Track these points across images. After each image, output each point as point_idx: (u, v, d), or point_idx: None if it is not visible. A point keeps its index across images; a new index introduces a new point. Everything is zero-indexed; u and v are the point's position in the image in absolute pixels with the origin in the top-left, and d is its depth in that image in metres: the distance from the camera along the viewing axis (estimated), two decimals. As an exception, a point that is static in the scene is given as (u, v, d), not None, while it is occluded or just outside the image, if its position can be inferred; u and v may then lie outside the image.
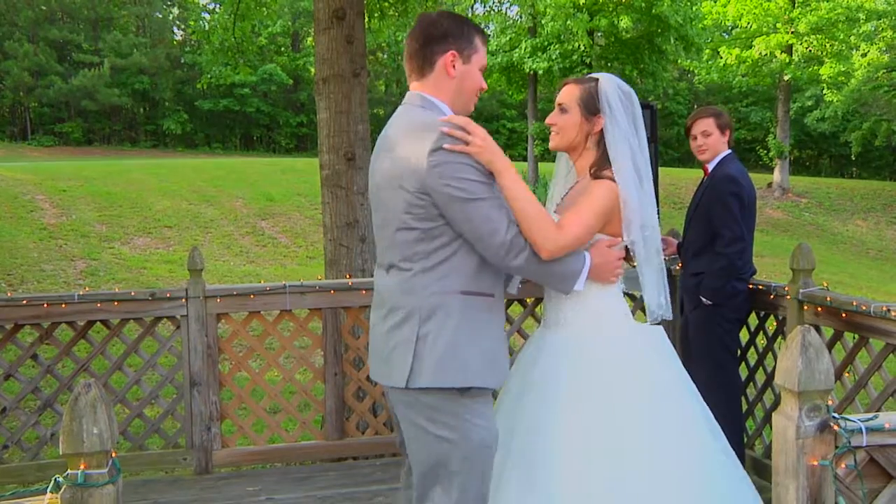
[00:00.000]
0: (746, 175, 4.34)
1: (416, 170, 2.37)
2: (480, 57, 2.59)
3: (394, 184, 2.44)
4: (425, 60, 2.54)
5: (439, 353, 2.39)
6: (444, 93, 2.55)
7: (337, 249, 5.67)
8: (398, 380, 2.42)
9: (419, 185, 2.37)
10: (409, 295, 2.44)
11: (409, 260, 2.45)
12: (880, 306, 3.52)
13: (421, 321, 2.40)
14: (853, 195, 28.65)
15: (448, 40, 2.52)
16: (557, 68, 23.38)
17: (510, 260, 2.43)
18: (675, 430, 2.74)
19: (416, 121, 2.47)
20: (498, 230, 2.38)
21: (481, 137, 2.37)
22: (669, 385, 2.84)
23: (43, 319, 4.37)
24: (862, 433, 1.86)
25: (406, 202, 2.41)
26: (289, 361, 7.30)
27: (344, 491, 4.27)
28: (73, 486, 1.80)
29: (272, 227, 16.07)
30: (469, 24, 2.59)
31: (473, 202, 2.36)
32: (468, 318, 2.43)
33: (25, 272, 11.42)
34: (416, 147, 2.37)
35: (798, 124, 38.58)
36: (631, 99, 2.88)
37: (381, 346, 2.53)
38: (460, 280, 2.43)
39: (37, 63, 41.96)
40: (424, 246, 2.42)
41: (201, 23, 29.95)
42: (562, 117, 2.89)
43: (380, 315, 2.55)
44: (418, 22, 2.59)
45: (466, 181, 2.35)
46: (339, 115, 5.65)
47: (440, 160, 2.34)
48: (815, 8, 26.31)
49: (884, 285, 16.28)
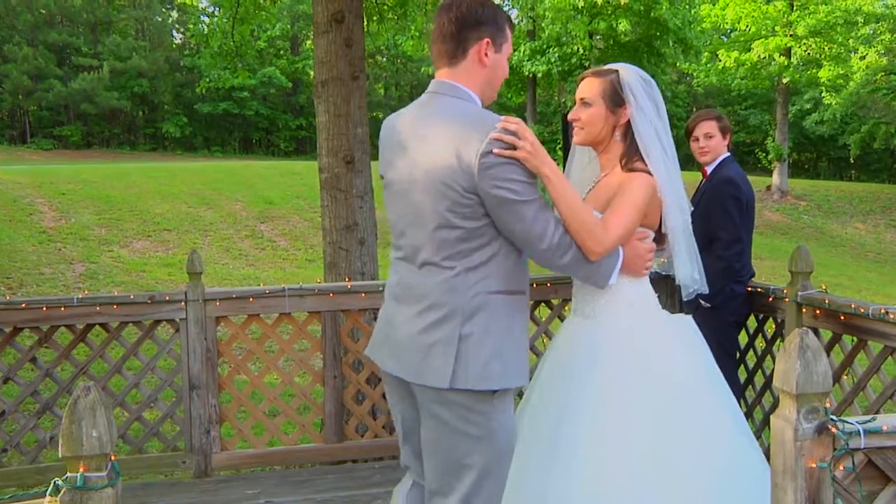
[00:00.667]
0: (745, 178, 4.35)
1: (465, 170, 2.31)
2: (509, 46, 2.55)
3: (435, 181, 2.37)
4: (458, 46, 2.46)
5: (485, 355, 2.37)
6: (474, 82, 2.49)
7: (336, 252, 5.67)
8: (437, 380, 2.37)
9: (468, 185, 2.32)
10: (451, 293, 2.39)
11: (451, 258, 2.40)
12: (878, 309, 3.52)
13: (464, 320, 2.37)
14: (852, 198, 28.68)
15: (483, 27, 2.45)
16: (556, 71, 23.43)
17: (557, 259, 2.43)
18: (703, 421, 2.75)
19: (465, 116, 2.39)
20: (546, 231, 2.37)
21: (531, 143, 2.33)
22: (699, 375, 2.85)
23: (42, 322, 4.37)
24: (860, 435, 1.86)
25: (451, 200, 2.35)
26: (288, 364, 7.29)
27: (343, 494, 4.27)
28: (72, 490, 1.80)
29: (271, 231, 16.08)
30: (501, 11, 2.53)
31: (524, 203, 2.33)
32: (508, 319, 2.42)
33: (24, 275, 11.42)
34: (465, 147, 2.31)
35: (797, 127, 38.66)
36: (652, 85, 2.88)
37: (411, 343, 2.45)
38: (501, 280, 2.42)
39: (36, 66, 42.01)
40: (467, 245, 2.38)
41: (200, 26, 30.04)
42: (586, 111, 2.86)
43: (413, 311, 2.47)
44: (451, 5, 2.48)
45: (517, 182, 2.32)
46: (338, 118, 5.65)
47: (491, 162, 2.29)
48: (813, 11, 26.37)
49: (882, 288, 16.29)
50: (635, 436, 2.68)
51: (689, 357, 2.86)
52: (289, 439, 4.77)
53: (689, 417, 2.73)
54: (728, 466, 2.72)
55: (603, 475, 2.65)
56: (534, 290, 4.64)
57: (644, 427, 2.69)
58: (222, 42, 10.14)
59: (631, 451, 2.67)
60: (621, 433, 2.69)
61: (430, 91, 2.53)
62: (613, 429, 2.69)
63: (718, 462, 2.71)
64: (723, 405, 2.87)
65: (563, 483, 2.68)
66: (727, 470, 2.71)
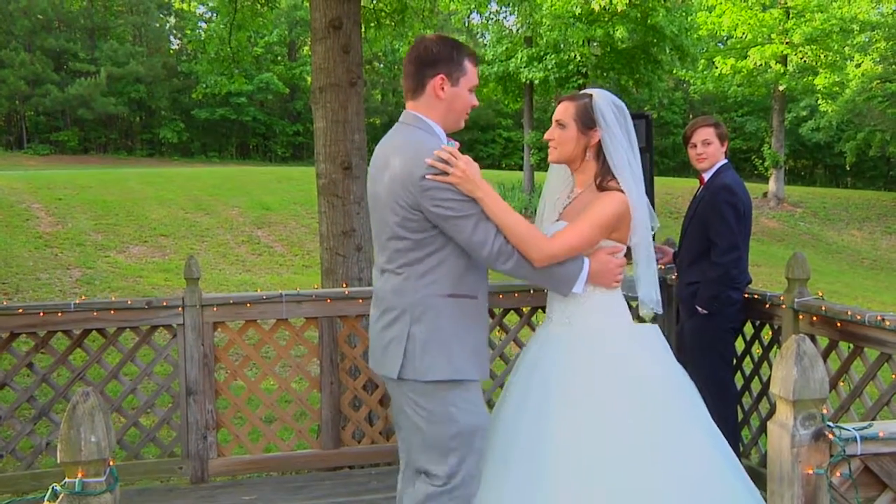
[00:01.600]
0: (742, 185, 4.36)
1: (409, 190, 2.65)
2: (469, 79, 2.83)
3: (389, 199, 2.72)
4: (417, 83, 2.80)
5: (428, 349, 2.70)
6: (434, 112, 2.81)
7: (333, 258, 5.67)
8: (391, 371, 2.75)
9: (412, 203, 2.66)
10: (401, 296, 2.74)
11: (401, 265, 2.74)
12: (875, 316, 3.53)
13: (412, 320, 2.71)
14: (848, 205, 28.73)
15: (438, 65, 2.76)
16: (554, 78, 23.44)
17: (501, 264, 2.74)
18: (671, 426, 2.87)
19: (411, 144, 2.74)
20: (486, 240, 2.68)
21: (461, 169, 2.63)
22: (666, 381, 2.99)
23: (39, 328, 4.37)
24: (857, 442, 1.87)
25: (400, 216, 2.69)
26: (285, 370, 7.28)
27: (340, 500, 4.27)
28: (70, 495, 1.81)
29: (268, 236, 16.07)
30: (460, 48, 2.82)
31: (462, 218, 2.66)
32: (455, 318, 2.73)
33: (21, 281, 11.40)
34: (409, 170, 2.65)
35: (793, 134, 38.74)
36: (623, 112, 3.06)
37: (377, 341, 2.85)
38: (447, 284, 2.73)
39: (33, 72, 41.95)
40: (416, 254, 2.72)
41: (198, 32, 30.06)
42: (559, 132, 3.06)
43: (376, 313, 2.86)
44: (413, 46, 2.85)
45: (454, 201, 2.65)
46: (336, 124, 5.66)
47: (429, 185, 2.63)
48: (809, 19, 26.42)
49: (878, 295, 16.32)
50: (608, 437, 2.80)
51: (655, 364, 3.00)
52: (285, 445, 4.77)
53: (658, 420, 2.85)
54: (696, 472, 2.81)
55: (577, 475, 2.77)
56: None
57: (616, 428, 2.81)
58: (219, 48, 10.16)
59: (603, 450, 2.79)
60: (594, 434, 2.81)
61: (399, 121, 2.89)
62: (586, 429, 2.82)
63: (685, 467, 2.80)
64: (690, 411, 2.98)
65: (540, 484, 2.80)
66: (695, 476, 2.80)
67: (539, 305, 4.83)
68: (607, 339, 2.97)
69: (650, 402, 2.88)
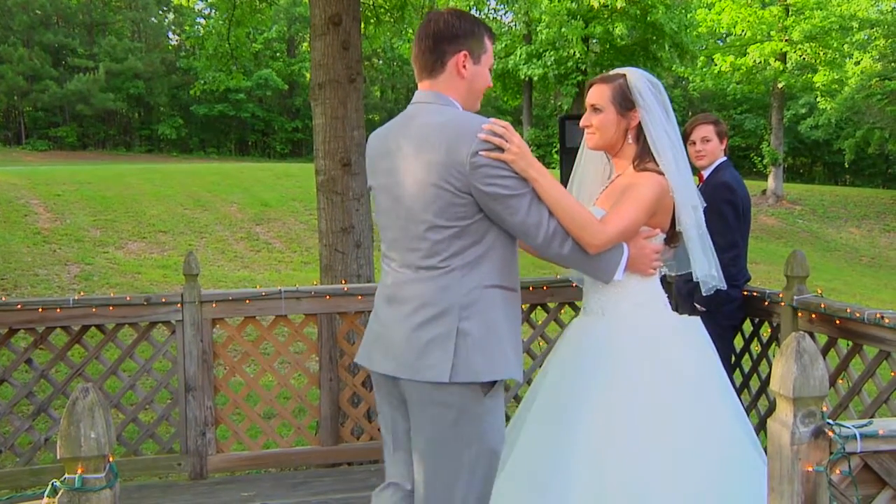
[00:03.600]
0: (741, 182, 4.36)
1: (458, 170, 2.39)
2: (489, 56, 2.63)
3: (426, 183, 2.44)
4: (437, 59, 2.54)
5: (483, 346, 2.43)
6: (455, 92, 2.57)
7: (332, 255, 5.67)
8: (437, 374, 2.40)
9: (461, 185, 2.40)
10: (445, 291, 2.44)
11: (445, 258, 2.45)
12: (874, 313, 3.53)
13: (461, 316, 2.42)
14: (847, 202, 28.74)
15: (459, 40, 2.53)
16: (552, 75, 23.47)
17: (556, 248, 2.51)
18: (707, 417, 2.80)
19: (450, 122, 2.46)
20: (542, 222, 2.46)
21: (517, 145, 2.41)
22: (705, 374, 2.90)
23: (37, 324, 4.36)
24: (856, 439, 1.87)
25: (444, 201, 2.42)
26: (284, 367, 7.29)
27: (339, 496, 4.27)
28: (70, 491, 1.80)
29: (267, 233, 16.06)
30: (479, 23, 2.60)
31: (517, 197, 2.42)
32: (504, 312, 2.50)
33: (19, 277, 11.39)
34: (456, 148, 2.39)
35: (792, 132, 38.75)
36: (659, 88, 2.95)
37: (406, 341, 2.48)
38: (495, 275, 2.49)
39: (32, 67, 41.93)
40: (460, 243, 2.45)
41: (196, 28, 30.00)
42: (597, 117, 2.93)
43: (406, 310, 2.50)
44: (429, 20, 2.58)
45: (508, 178, 2.41)
46: (335, 120, 5.65)
47: (481, 162, 2.38)
48: (808, 16, 26.43)
49: (877, 292, 16.33)
50: (641, 428, 2.73)
51: (695, 356, 2.91)
52: (284, 441, 4.77)
53: (693, 413, 2.78)
54: (729, 464, 2.76)
55: (608, 466, 2.70)
56: (530, 292, 4.66)
57: (650, 419, 2.74)
58: (218, 44, 10.14)
59: (636, 442, 2.72)
60: (627, 425, 2.74)
61: (416, 101, 2.61)
62: (620, 421, 2.74)
63: (720, 459, 2.75)
64: (728, 405, 2.92)
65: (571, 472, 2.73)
66: (727, 467, 2.75)
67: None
68: (642, 329, 2.86)
69: (686, 399, 2.79)
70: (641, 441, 2.71)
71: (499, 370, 2.44)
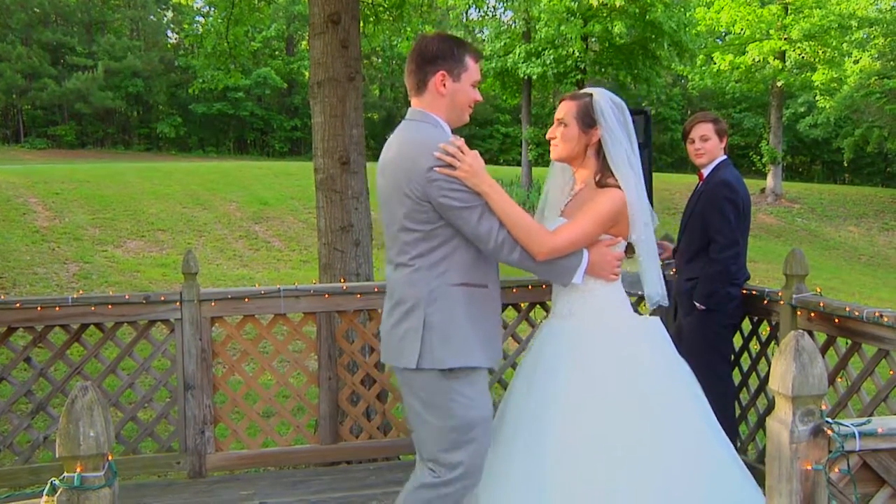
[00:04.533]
0: (741, 181, 4.36)
1: (418, 182, 2.73)
2: (471, 74, 2.91)
3: (399, 192, 2.79)
4: (420, 80, 2.89)
5: (446, 337, 2.76)
6: (438, 108, 2.89)
7: (331, 253, 5.67)
8: (409, 361, 2.79)
9: (420, 195, 2.74)
10: (413, 287, 2.80)
11: (412, 257, 2.81)
12: (873, 312, 3.54)
13: (427, 311, 2.77)
14: (845, 201, 28.76)
15: (438, 62, 2.85)
16: (551, 73, 23.43)
17: (505, 255, 2.82)
18: (671, 416, 2.96)
19: (418, 138, 2.82)
20: (492, 230, 2.77)
21: (468, 164, 2.71)
22: (667, 372, 3.08)
23: (36, 322, 4.36)
24: (855, 438, 1.87)
25: (408, 208, 2.77)
26: (283, 365, 7.29)
27: (338, 495, 4.27)
28: (69, 489, 1.80)
29: (266, 231, 16.06)
30: (461, 45, 2.91)
31: (468, 209, 2.74)
32: (466, 306, 2.80)
33: (18, 275, 11.39)
34: (417, 162, 2.74)
35: (791, 130, 38.75)
36: (622, 110, 3.14)
37: (391, 333, 2.89)
38: (458, 273, 2.80)
39: (30, 65, 41.86)
40: (425, 245, 2.79)
41: (195, 26, 29.98)
42: (560, 130, 3.14)
43: (388, 306, 2.92)
44: (415, 44, 2.93)
45: (459, 192, 2.73)
46: (334, 119, 5.65)
47: (435, 176, 2.72)
48: (807, 15, 26.44)
49: (876, 291, 16.35)
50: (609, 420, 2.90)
51: (654, 354, 3.09)
52: (283, 440, 4.77)
53: (658, 410, 2.94)
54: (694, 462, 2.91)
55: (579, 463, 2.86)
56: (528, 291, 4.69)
57: (617, 412, 2.91)
58: (217, 43, 10.13)
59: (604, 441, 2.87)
60: (596, 418, 2.90)
61: (406, 117, 2.96)
62: (589, 414, 2.91)
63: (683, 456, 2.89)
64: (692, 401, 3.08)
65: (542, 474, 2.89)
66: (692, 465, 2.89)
67: (536, 301, 4.83)
68: (609, 330, 3.05)
69: (651, 392, 2.96)
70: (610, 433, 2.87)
71: (460, 359, 2.77)
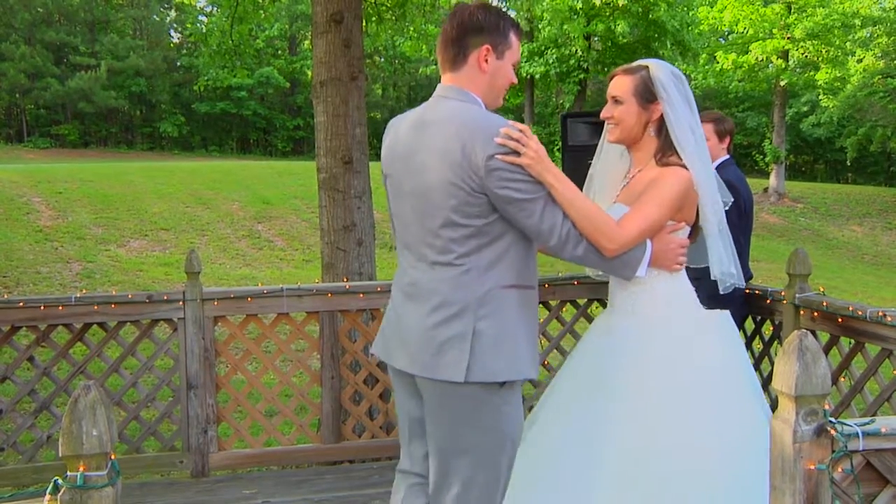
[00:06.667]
0: (744, 181, 4.36)
1: (473, 171, 2.39)
2: (514, 53, 2.59)
3: (444, 181, 2.44)
4: (459, 52, 2.53)
5: (499, 347, 2.44)
6: (476, 87, 2.55)
7: (334, 253, 5.67)
8: (453, 374, 2.43)
9: (476, 186, 2.40)
10: (462, 290, 2.46)
11: (459, 255, 2.46)
12: (876, 311, 3.53)
13: (476, 316, 2.44)
14: (849, 200, 28.71)
15: (483, 34, 2.51)
16: (554, 73, 23.44)
17: (571, 250, 2.52)
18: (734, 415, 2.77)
19: (469, 120, 2.45)
20: (555, 225, 2.46)
21: (533, 150, 2.39)
22: (733, 375, 2.88)
23: (40, 322, 4.36)
24: (859, 437, 1.87)
25: (460, 200, 2.42)
26: (285, 364, 7.29)
27: (340, 494, 4.27)
28: (72, 489, 1.80)
29: (269, 231, 16.06)
30: (506, 18, 2.57)
31: (531, 201, 2.42)
32: (520, 312, 2.51)
33: (21, 274, 11.40)
34: (473, 149, 2.39)
35: (794, 129, 38.71)
36: (683, 81, 2.90)
37: (422, 339, 2.50)
38: (511, 275, 2.49)
39: (33, 65, 41.93)
40: (477, 241, 2.46)
41: (198, 25, 29.99)
42: (618, 109, 2.89)
43: (424, 308, 2.51)
44: (455, 12, 2.56)
45: (523, 182, 2.41)
46: (337, 118, 5.65)
47: (496, 165, 2.38)
48: (810, 14, 26.41)
49: (879, 290, 16.32)
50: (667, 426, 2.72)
51: (726, 354, 2.89)
52: (286, 439, 4.77)
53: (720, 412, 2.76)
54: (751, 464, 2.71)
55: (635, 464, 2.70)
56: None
57: (676, 418, 2.72)
58: (220, 41, 10.13)
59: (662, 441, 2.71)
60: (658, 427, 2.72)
61: (437, 95, 2.60)
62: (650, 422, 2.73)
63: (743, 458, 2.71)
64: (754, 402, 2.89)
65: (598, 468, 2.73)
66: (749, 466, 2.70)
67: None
68: (672, 326, 2.84)
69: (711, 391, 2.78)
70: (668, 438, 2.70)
71: (514, 370, 2.46)
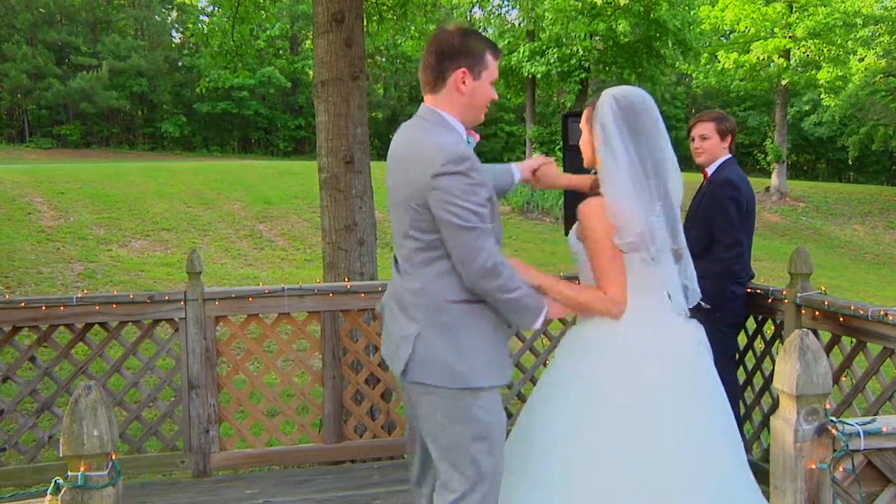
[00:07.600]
0: (746, 180, 4.35)
1: (421, 188, 2.52)
2: (491, 72, 2.70)
3: (405, 195, 2.60)
4: (438, 76, 2.65)
5: (433, 355, 2.58)
6: (454, 108, 2.67)
7: (335, 252, 5.67)
8: (397, 369, 2.66)
9: (422, 202, 2.53)
10: (416, 296, 2.63)
11: (416, 265, 2.63)
12: (878, 310, 3.52)
13: (427, 322, 2.59)
14: (850, 199, 28.70)
15: (459, 58, 2.63)
16: (556, 72, 23.44)
17: (484, 284, 2.54)
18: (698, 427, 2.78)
19: (427, 143, 2.57)
20: (479, 257, 2.50)
21: None
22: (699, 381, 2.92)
23: (41, 322, 4.37)
24: (860, 437, 1.87)
25: (411, 215, 2.58)
26: (287, 364, 7.29)
27: (342, 494, 4.27)
28: (73, 489, 1.80)
29: (270, 230, 16.07)
30: (481, 40, 2.69)
31: (465, 230, 2.48)
32: (472, 324, 2.60)
33: (23, 274, 11.41)
34: (423, 167, 2.51)
35: (795, 129, 38.71)
36: (630, 110, 2.85)
37: (390, 336, 2.76)
38: (458, 290, 2.58)
39: (35, 65, 41.99)
40: (426, 255, 2.60)
41: (200, 25, 30.01)
42: (581, 137, 3.01)
43: (393, 309, 2.76)
44: (433, 38, 2.70)
45: (461, 208, 2.47)
46: (338, 118, 5.65)
47: (440, 184, 2.48)
48: (812, 13, 26.40)
49: (881, 289, 16.30)
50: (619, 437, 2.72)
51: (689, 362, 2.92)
52: (287, 439, 4.77)
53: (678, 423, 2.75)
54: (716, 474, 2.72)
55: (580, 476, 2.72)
56: None
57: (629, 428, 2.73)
58: (222, 41, 10.13)
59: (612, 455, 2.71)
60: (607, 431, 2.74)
61: (417, 115, 2.74)
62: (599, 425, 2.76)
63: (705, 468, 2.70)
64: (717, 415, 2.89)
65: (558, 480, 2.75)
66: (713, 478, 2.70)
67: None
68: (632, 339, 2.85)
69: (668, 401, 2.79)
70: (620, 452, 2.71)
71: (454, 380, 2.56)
